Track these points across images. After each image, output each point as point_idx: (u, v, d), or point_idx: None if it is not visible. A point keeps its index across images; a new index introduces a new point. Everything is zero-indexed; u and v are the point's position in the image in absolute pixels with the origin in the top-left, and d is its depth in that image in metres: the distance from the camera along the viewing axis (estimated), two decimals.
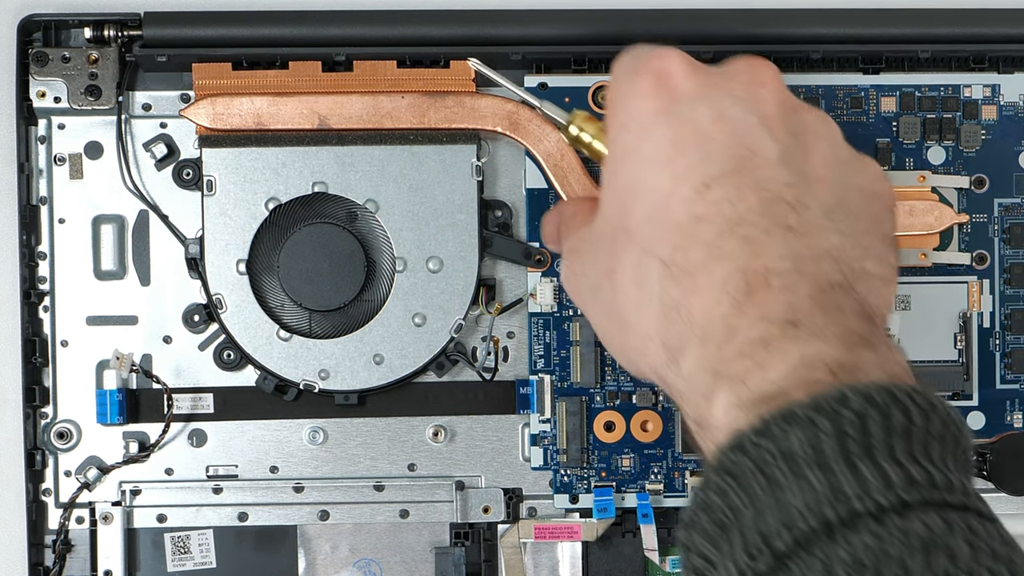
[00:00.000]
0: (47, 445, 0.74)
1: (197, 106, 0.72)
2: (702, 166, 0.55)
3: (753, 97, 0.57)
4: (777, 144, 0.56)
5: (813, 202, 0.55)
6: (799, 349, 0.51)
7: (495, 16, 0.73)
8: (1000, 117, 0.75)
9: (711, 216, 0.54)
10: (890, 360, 0.52)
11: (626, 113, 0.59)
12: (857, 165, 0.59)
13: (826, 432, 0.48)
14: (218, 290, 0.72)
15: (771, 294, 0.52)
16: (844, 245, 0.55)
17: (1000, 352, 0.75)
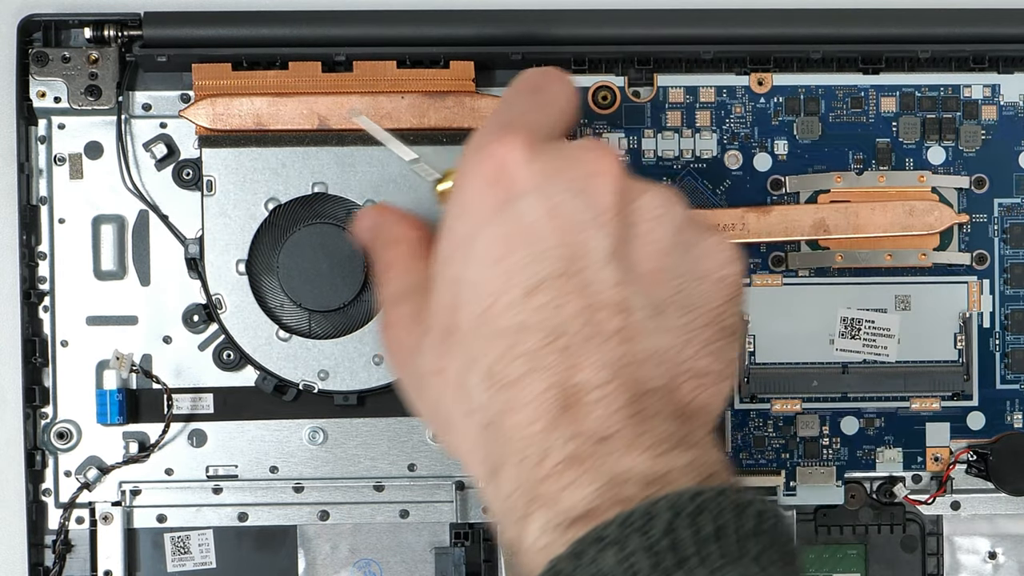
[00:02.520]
0: (47, 445, 0.74)
1: (197, 106, 0.72)
2: (530, 268, 0.52)
3: (589, 189, 0.53)
4: (609, 240, 0.53)
5: (641, 301, 0.53)
6: (610, 465, 0.49)
7: (495, 16, 0.73)
8: (1000, 117, 0.75)
9: (533, 324, 0.52)
10: (704, 462, 0.50)
11: (463, 202, 0.55)
12: (702, 249, 0.55)
13: (637, 549, 0.47)
14: (217, 290, 0.72)
15: (585, 409, 0.50)
16: (674, 345, 0.53)
17: (1000, 352, 0.75)
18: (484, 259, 0.53)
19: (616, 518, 0.48)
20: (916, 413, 0.75)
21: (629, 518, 0.48)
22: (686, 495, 0.48)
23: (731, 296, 0.55)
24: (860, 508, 0.75)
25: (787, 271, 0.74)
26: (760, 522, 0.49)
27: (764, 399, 0.74)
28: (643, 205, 0.54)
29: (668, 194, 0.55)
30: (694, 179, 0.74)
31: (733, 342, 0.55)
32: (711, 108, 0.74)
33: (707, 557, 0.47)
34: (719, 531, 0.48)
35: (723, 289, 0.55)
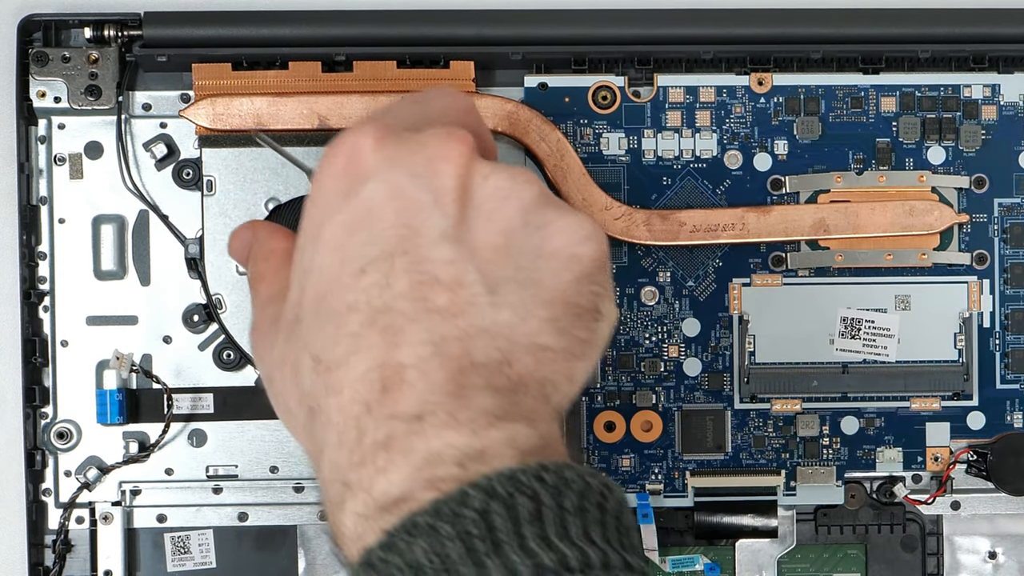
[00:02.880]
0: (47, 445, 0.74)
1: (197, 106, 0.72)
2: (363, 249, 0.52)
3: (432, 172, 0.53)
4: (447, 220, 0.52)
5: (476, 277, 0.52)
6: (424, 445, 0.49)
7: (495, 16, 0.73)
8: (1000, 117, 0.75)
9: (360, 304, 0.51)
10: (527, 435, 0.50)
11: (316, 193, 0.55)
12: (554, 228, 0.54)
13: (449, 537, 0.47)
14: (217, 290, 0.72)
15: (403, 388, 0.50)
16: (508, 320, 0.52)
17: (1000, 352, 0.75)
18: (327, 245, 0.53)
19: (430, 505, 0.47)
20: (916, 413, 0.75)
21: (442, 504, 0.47)
22: (503, 476, 0.48)
23: (582, 274, 0.54)
24: (860, 508, 0.75)
25: (787, 271, 0.74)
26: (584, 499, 0.48)
27: (764, 399, 0.74)
28: (490, 185, 0.54)
29: (519, 174, 0.55)
30: (694, 179, 0.74)
31: (587, 321, 0.54)
32: (711, 108, 0.74)
33: (524, 540, 0.47)
34: (537, 512, 0.47)
35: (573, 267, 0.54)
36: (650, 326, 0.75)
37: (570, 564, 0.47)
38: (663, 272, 0.74)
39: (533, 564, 0.46)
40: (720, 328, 0.75)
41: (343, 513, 0.50)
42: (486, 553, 0.47)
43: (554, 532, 0.47)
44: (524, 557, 0.46)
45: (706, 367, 0.75)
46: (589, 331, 0.54)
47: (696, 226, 0.73)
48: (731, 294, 0.75)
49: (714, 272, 0.74)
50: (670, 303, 0.74)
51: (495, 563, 0.46)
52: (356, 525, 0.49)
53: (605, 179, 0.74)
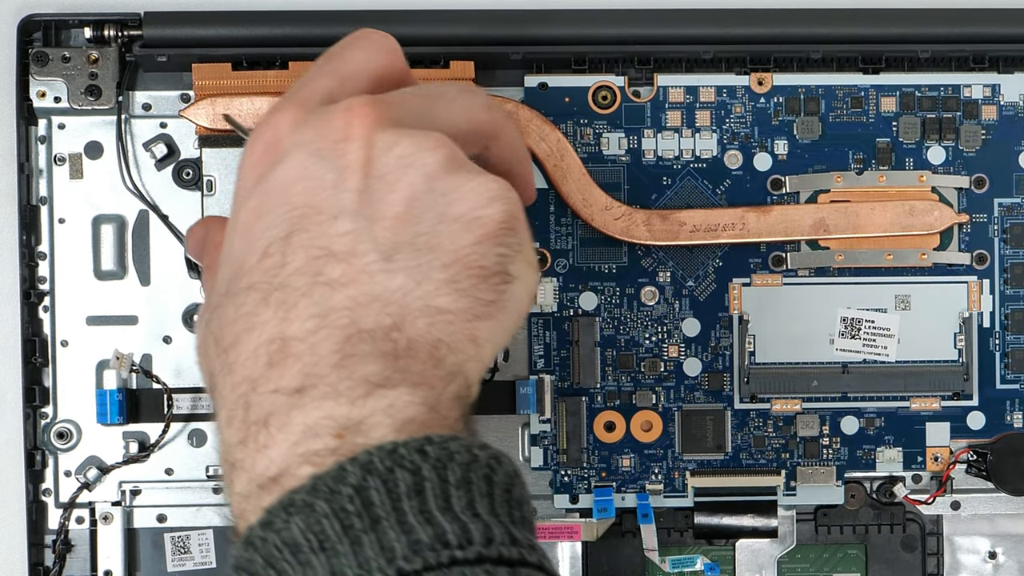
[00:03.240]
0: (47, 445, 0.74)
1: (197, 106, 0.72)
2: (267, 232, 0.52)
3: (337, 151, 0.53)
4: (348, 195, 0.52)
5: (371, 246, 0.52)
6: (303, 418, 0.49)
7: (495, 16, 0.73)
8: (1000, 117, 0.75)
9: (259, 284, 0.51)
10: (406, 402, 0.50)
11: (238, 180, 0.56)
12: (458, 193, 0.54)
13: (325, 514, 0.46)
14: None
15: (288, 362, 0.50)
16: (404, 285, 0.52)
17: (1000, 352, 0.75)
18: (239, 231, 0.54)
19: (307, 482, 0.47)
20: (916, 413, 0.75)
21: (319, 481, 0.47)
22: (382, 450, 0.47)
23: (485, 236, 0.54)
24: (860, 508, 0.75)
25: (787, 271, 0.74)
26: (469, 472, 0.48)
27: (764, 399, 0.74)
28: (394, 155, 0.54)
29: (424, 141, 0.54)
30: (694, 179, 0.74)
31: (494, 283, 0.54)
32: (711, 108, 0.74)
33: (403, 516, 0.47)
34: (418, 487, 0.47)
35: (475, 229, 0.54)
36: (650, 326, 0.75)
37: (448, 539, 0.46)
38: (663, 272, 0.74)
39: (408, 540, 0.46)
40: (720, 328, 0.75)
41: (231, 492, 0.50)
42: (363, 529, 0.46)
43: (436, 506, 0.47)
44: (400, 533, 0.46)
45: (706, 367, 0.75)
46: (496, 293, 0.54)
47: (696, 226, 0.73)
48: (731, 294, 0.75)
49: (714, 272, 0.74)
50: (670, 303, 0.74)
51: (371, 539, 0.46)
52: (238, 504, 0.49)
53: (605, 179, 0.74)
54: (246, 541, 0.48)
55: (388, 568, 0.46)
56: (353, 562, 0.46)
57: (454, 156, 0.54)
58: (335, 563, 0.46)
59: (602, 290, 0.74)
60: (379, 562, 0.46)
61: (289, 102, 0.56)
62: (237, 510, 0.50)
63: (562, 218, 0.74)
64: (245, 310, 0.51)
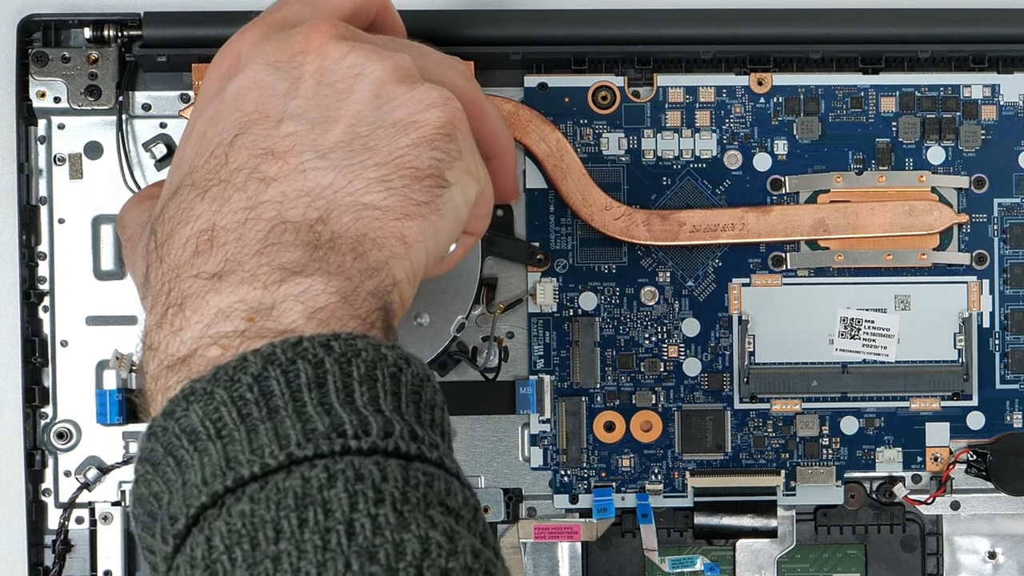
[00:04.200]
0: (47, 445, 0.74)
1: None
2: (217, 136, 0.54)
3: (292, 63, 0.56)
4: (296, 101, 0.54)
5: (309, 147, 0.54)
6: (218, 301, 0.50)
7: (495, 16, 0.73)
8: (1000, 117, 0.75)
9: (199, 181, 0.53)
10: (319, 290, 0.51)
11: (199, 95, 0.58)
12: (401, 101, 0.56)
13: (223, 402, 0.47)
14: None
15: (213, 250, 0.51)
16: (337, 182, 0.53)
17: (1000, 352, 0.75)
18: (192, 139, 0.55)
19: (209, 372, 0.48)
20: (916, 413, 0.75)
21: (220, 370, 0.48)
22: (286, 343, 0.48)
23: (421, 139, 0.55)
24: (860, 508, 0.75)
25: (787, 271, 0.74)
26: (374, 369, 0.48)
27: (764, 399, 0.75)
28: (345, 64, 0.55)
29: (374, 53, 0.56)
30: (694, 179, 0.74)
31: (428, 185, 0.55)
32: (711, 108, 0.74)
33: (302, 406, 0.47)
34: (317, 379, 0.47)
35: (410, 132, 0.55)
36: (650, 326, 0.75)
37: (344, 429, 0.47)
38: (663, 272, 0.74)
39: (304, 428, 0.46)
40: (720, 328, 0.75)
41: (144, 375, 0.51)
42: (260, 418, 0.47)
43: (337, 399, 0.47)
44: (297, 422, 0.46)
45: (706, 367, 0.75)
46: (429, 195, 0.55)
47: (696, 226, 0.73)
48: (731, 294, 0.75)
49: (714, 272, 0.74)
50: (670, 303, 0.75)
51: (267, 427, 0.46)
52: (148, 386, 0.50)
53: (605, 179, 0.74)
54: (149, 432, 0.48)
55: (279, 454, 0.46)
56: (247, 448, 0.46)
57: (404, 68, 0.56)
58: (229, 449, 0.46)
59: (602, 290, 0.74)
60: (272, 448, 0.46)
61: (257, 24, 0.58)
62: (147, 392, 0.51)
63: (562, 218, 0.74)
64: (184, 205, 0.53)
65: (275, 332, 0.49)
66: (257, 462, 0.46)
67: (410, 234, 0.54)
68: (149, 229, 0.55)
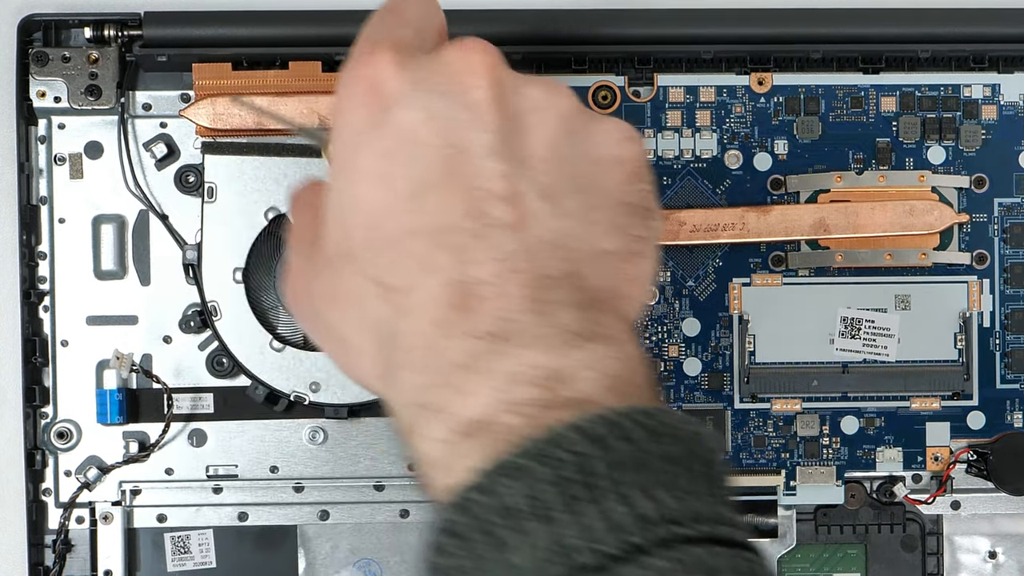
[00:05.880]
0: (47, 445, 0.74)
1: (197, 106, 0.72)
2: (413, 175, 0.51)
3: (461, 88, 0.52)
4: (489, 134, 0.51)
5: (530, 188, 0.51)
6: (505, 365, 0.48)
7: (495, 16, 0.73)
8: (1000, 117, 0.75)
9: (422, 228, 0.50)
10: (606, 356, 0.49)
11: (341, 127, 0.54)
12: (594, 134, 0.54)
13: (543, 479, 0.45)
14: (214, 297, 0.72)
15: (480, 305, 0.49)
16: (570, 228, 0.51)
17: (1000, 352, 0.75)
18: (367, 175, 0.52)
19: (525, 445, 0.46)
20: (916, 413, 0.75)
21: (533, 445, 0.46)
22: (599, 417, 0.46)
23: (630, 173, 0.54)
24: (860, 508, 0.75)
25: (787, 271, 0.74)
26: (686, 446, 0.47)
27: (764, 399, 0.74)
28: (527, 96, 0.53)
29: (551, 85, 0.54)
30: (694, 179, 0.74)
31: (643, 220, 0.54)
32: (711, 108, 0.74)
33: (621, 488, 0.45)
34: (636, 459, 0.46)
35: (620, 168, 0.53)
36: (650, 326, 0.75)
37: (676, 516, 0.45)
38: (663, 272, 0.74)
39: (634, 513, 0.45)
40: (720, 328, 0.75)
41: (421, 439, 0.48)
42: (585, 500, 0.45)
43: (660, 481, 0.46)
44: (624, 505, 0.45)
45: (706, 367, 0.75)
46: (645, 228, 0.53)
47: (696, 226, 0.73)
48: (731, 294, 0.75)
49: (714, 272, 0.74)
50: (670, 303, 0.75)
51: (594, 511, 0.45)
52: (437, 451, 0.48)
53: None
54: (456, 505, 0.46)
55: (616, 541, 0.44)
56: (577, 533, 0.44)
57: (578, 101, 0.54)
58: (559, 534, 0.45)
59: None
60: (606, 534, 0.44)
61: (379, 45, 0.53)
62: (434, 457, 0.48)
63: None
64: (414, 253, 0.50)
65: (575, 402, 0.47)
66: (594, 549, 0.44)
67: (639, 274, 0.53)
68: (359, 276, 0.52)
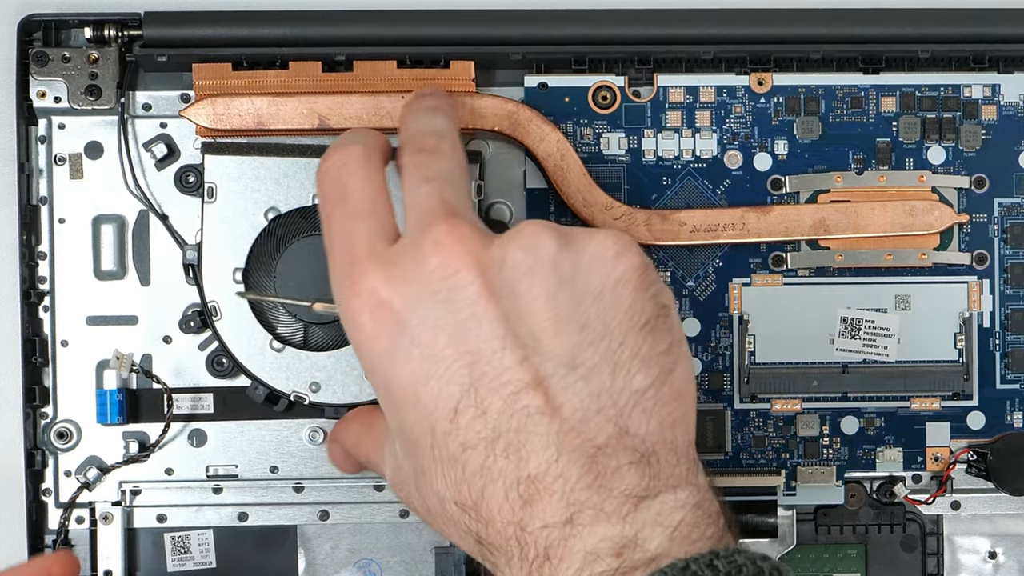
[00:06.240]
0: (47, 445, 0.74)
1: (197, 106, 0.72)
2: (444, 391, 0.53)
3: (452, 287, 0.54)
4: (493, 325, 0.53)
5: (554, 363, 0.52)
6: (581, 546, 0.50)
7: (495, 16, 0.73)
8: (1000, 117, 0.75)
9: (472, 441, 0.52)
10: (671, 506, 0.51)
11: (362, 356, 0.56)
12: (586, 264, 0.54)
13: None
14: (214, 297, 0.72)
15: (545, 497, 0.51)
16: (601, 383, 0.52)
17: (1000, 352, 0.75)
18: (406, 404, 0.54)
19: None
20: (916, 413, 0.75)
21: None
22: (675, 568, 0.48)
23: (636, 287, 0.54)
24: (860, 508, 0.75)
25: (787, 271, 0.74)
26: None
27: (764, 399, 0.74)
28: (509, 267, 0.54)
29: (527, 238, 0.54)
30: (694, 179, 0.74)
31: (661, 325, 0.54)
32: (711, 108, 0.74)
33: None
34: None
35: (625, 287, 0.54)
36: None
37: None
38: (663, 272, 0.74)
39: None
40: (720, 328, 0.75)
41: None
42: None
43: None
44: None
45: (706, 367, 0.75)
46: (668, 333, 0.54)
47: (696, 226, 0.73)
48: (731, 294, 0.75)
49: (714, 272, 0.74)
50: None
51: None
52: None
53: (605, 179, 0.74)
54: None
55: None
56: None
57: (557, 233, 0.54)
58: None
59: None
60: None
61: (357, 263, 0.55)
62: None
63: (562, 218, 0.74)
64: (474, 467, 0.52)
65: (644, 561, 0.49)
66: None
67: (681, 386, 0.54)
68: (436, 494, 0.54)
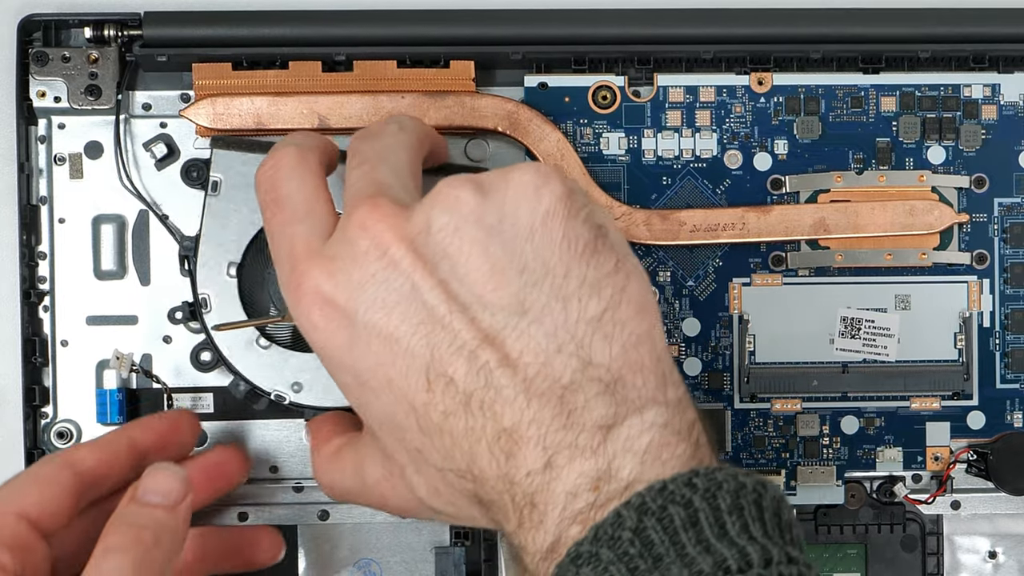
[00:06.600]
0: (47, 445, 0.74)
1: (197, 106, 0.72)
2: (412, 367, 0.53)
3: (386, 265, 0.54)
4: (435, 292, 0.53)
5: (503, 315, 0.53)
6: (562, 487, 0.51)
7: (495, 16, 0.73)
8: (1000, 117, 0.75)
9: (451, 407, 0.53)
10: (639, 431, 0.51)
11: (323, 352, 0.57)
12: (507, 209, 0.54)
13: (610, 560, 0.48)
14: (205, 290, 0.72)
15: (524, 446, 0.52)
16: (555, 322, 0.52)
17: (1000, 352, 0.75)
18: (380, 386, 0.55)
19: (589, 533, 0.49)
20: (916, 413, 0.75)
21: (599, 529, 0.49)
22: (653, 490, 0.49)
23: (564, 218, 0.54)
24: (860, 508, 0.75)
25: (787, 271, 0.74)
26: (739, 498, 0.49)
27: (764, 399, 0.74)
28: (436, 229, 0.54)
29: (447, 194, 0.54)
30: (694, 179, 0.74)
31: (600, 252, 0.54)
32: (711, 108, 0.74)
33: (682, 549, 0.47)
34: (692, 518, 0.48)
35: (553, 222, 0.54)
36: None
37: (729, 565, 0.47)
38: (663, 272, 0.74)
39: (691, 572, 0.47)
40: (720, 328, 0.75)
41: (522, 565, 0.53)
42: (647, 569, 0.48)
43: (712, 534, 0.48)
44: (683, 567, 0.47)
45: (706, 367, 0.75)
46: (612, 252, 0.54)
47: (696, 226, 0.73)
48: (731, 294, 0.75)
49: (714, 272, 0.74)
50: (670, 303, 0.74)
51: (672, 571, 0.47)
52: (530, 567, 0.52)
53: (605, 179, 0.74)
54: None
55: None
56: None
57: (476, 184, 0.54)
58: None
59: None
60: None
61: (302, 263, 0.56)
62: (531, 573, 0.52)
63: None
64: (459, 432, 0.53)
65: (619, 491, 0.50)
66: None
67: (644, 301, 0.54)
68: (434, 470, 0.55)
